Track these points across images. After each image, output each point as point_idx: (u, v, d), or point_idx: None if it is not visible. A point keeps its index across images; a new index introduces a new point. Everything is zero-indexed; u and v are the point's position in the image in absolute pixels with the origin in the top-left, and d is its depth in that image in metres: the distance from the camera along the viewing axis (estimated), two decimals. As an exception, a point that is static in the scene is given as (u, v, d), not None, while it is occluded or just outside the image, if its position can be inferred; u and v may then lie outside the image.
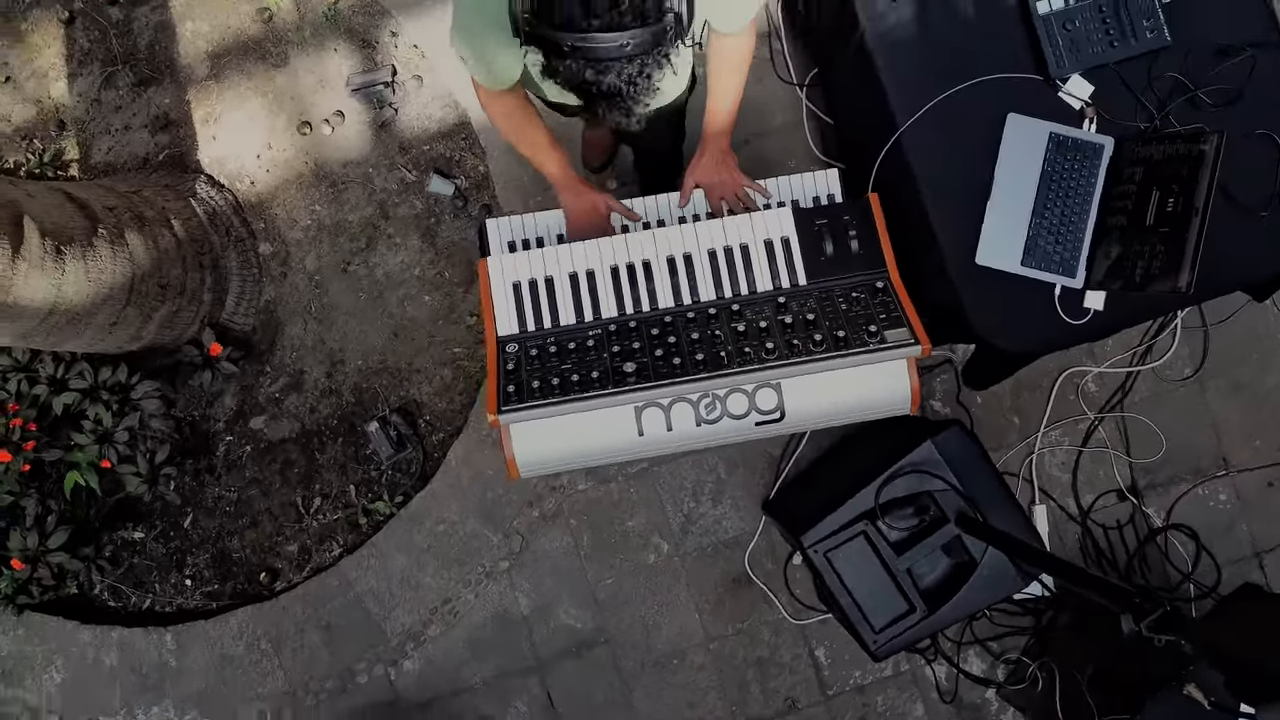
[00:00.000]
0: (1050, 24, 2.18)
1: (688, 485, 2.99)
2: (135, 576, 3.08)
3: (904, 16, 2.20)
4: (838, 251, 1.81)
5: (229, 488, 3.09)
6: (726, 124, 2.02)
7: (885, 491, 2.37)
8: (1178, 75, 2.19)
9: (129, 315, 2.57)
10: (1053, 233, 2.18)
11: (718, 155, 2.02)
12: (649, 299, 1.80)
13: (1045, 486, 3.01)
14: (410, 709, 2.97)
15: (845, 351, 1.67)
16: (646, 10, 1.41)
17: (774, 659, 2.99)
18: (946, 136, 2.20)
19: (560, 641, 2.97)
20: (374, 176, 3.10)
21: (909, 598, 2.38)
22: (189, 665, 2.96)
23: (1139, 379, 3.01)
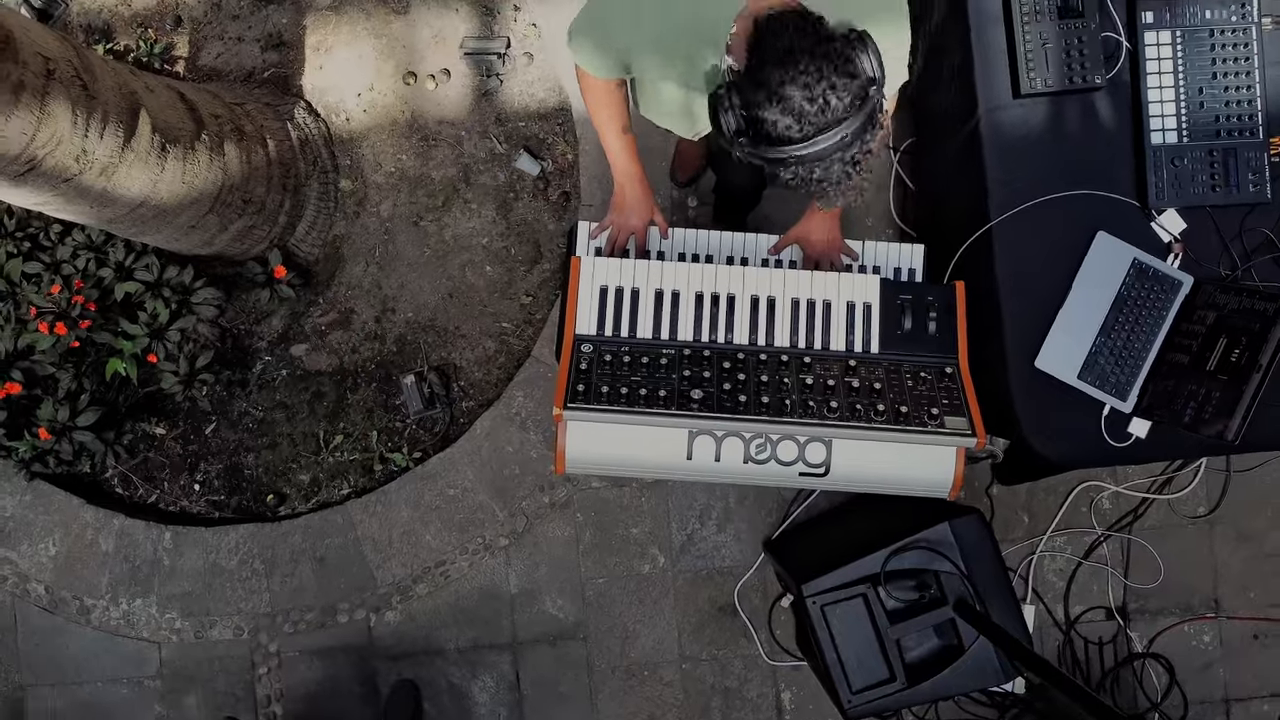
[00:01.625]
0: (1160, 156, 2.23)
1: (696, 506, 3.04)
2: (148, 470, 3.14)
3: (1023, 115, 2.25)
4: (915, 329, 1.86)
5: (256, 405, 3.14)
6: None
7: (893, 561, 2.42)
8: (1270, 233, 2.24)
9: (209, 221, 2.63)
10: (1115, 354, 2.23)
11: (830, 217, 2.07)
12: (726, 332, 1.86)
13: (1039, 588, 3.06)
14: (381, 658, 3.02)
15: (904, 427, 1.73)
16: (853, 96, 1.43)
17: (741, 692, 3.05)
18: (1035, 238, 2.25)
19: (540, 628, 3.03)
20: (465, 140, 3.16)
21: (892, 667, 2.43)
22: (180, 567, 3.02)
23: (1153, 506, 3.06)
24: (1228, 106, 2.22)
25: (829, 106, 1.43)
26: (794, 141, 1.45)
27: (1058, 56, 2.22)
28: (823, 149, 1.45)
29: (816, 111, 1.43)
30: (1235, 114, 2.22)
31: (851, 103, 1.45)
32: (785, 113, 1.44)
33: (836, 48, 1.46)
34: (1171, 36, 2.22)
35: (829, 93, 1.43)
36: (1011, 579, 2.99)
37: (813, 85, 1.42)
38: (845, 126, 1.44)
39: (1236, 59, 2.22)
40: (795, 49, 1.45)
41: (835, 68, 1.44)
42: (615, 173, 2.07)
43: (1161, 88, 2.23)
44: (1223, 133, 2.23)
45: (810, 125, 1.44)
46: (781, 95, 1.43)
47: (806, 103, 1.43)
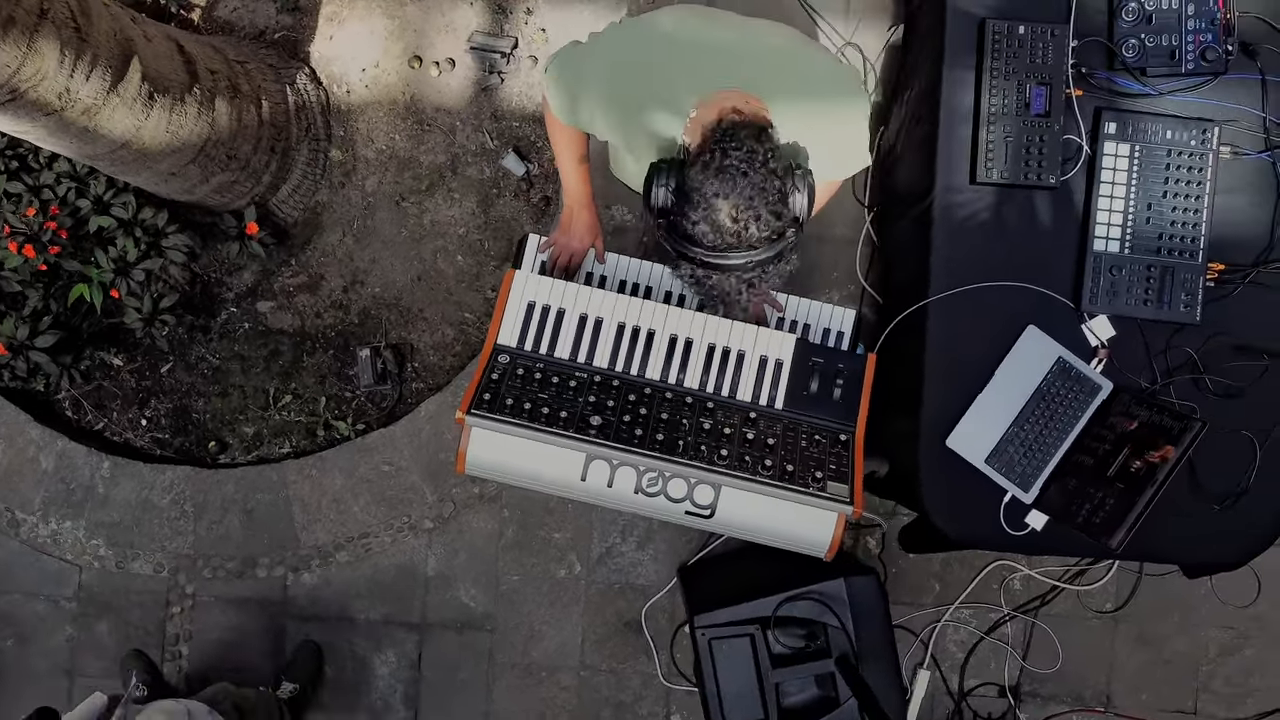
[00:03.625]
0: (1100, 263, 2.29)
1: (620, 522, 3.11)
2: (100, 399, 3.22)
3: (975, 201, 2.32)
4: (820, 392, 1.92)
5: (215, 353, 3.22)
6: None
7: (785, 607, 2.49)
8: (1194, 354, 2.30)
9: (190, 171, 2.70)
10: (1025, 446, 2.29)
11: None
12: (640, 366, 1.92)
13: (938, 655, 3.12)
14: (291, 617, 3.10)
15: (785, 485, 1.79)
16: (773, 231, 1.52)
17: (633, 708, 3.12)
18: (968, 320, 2.31)
19: (449, 613, 3.10)
20: (458, 130, 3.23)
21: (768, 710, 2.50)
22: (114, 497, 3.10)
23: (1062, 594, 3.12)
24: (1173, 226, 2.28)
25: (747, 233, 1.52)
26: (704, 248, 1.53)
27: (1018, 151, 2.28)
28: (726, 265, 1.53)
29: (734, 232, 1.51)
30: (1179, 234, 2.28)
31: (769, 237, 1.53)
32: (706, 221, 1.51)
33: (776, 185, 1.53)
34: (1131, 150, 2.29)
35: (752, 222, 1.51)
36: (912, 641, 3.08)
37: (740, 210, 1.50)
38: (755, 254, 1.53)
39: (1189, 182, 2.28)
40: (740, 171, 1.51)
41: (767, 203, 1.52)
42: (566, 196, 2.15)
43: (1112, 197, 2.29)
44: (1164, 250, 2.29)
45: (724, 241, 1.52)
46: (709, 205, 1.51)
47: (729, 221, 1.51)
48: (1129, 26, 2.28)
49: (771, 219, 1.50)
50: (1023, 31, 2.27)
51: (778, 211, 1.51)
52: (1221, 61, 2.27)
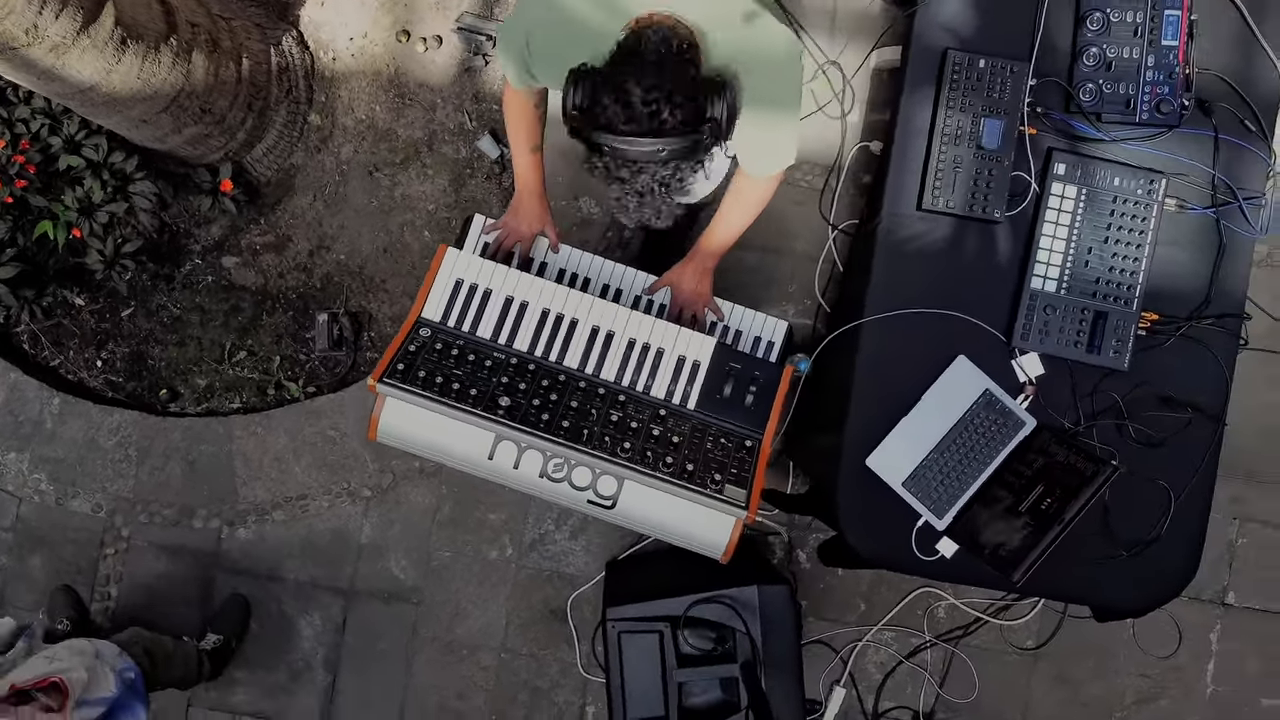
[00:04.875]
0: (1035, 300, 2.31)
1: (555, 510, 3.14)
2: (58, 336, 3.25)
3: (919, 229, 2.34)
4: (733, 397, 1.95)
5: (176, 303, 3.26)
6: (720, 248, 2.17)
7: (696, 608, 2.51)
8: (1119, 400, 2.33)
9: (161, 120, 2.73)
10: (943, 473, 2.32)
11: (700, 270, 2.17)
12: (559, 353, 1.95)
13: (856, 674, 3.15)
14: (223, 570, 3.13)
15: (683, 483, 1.82)
16: (685, 120, 1.53)
17: (549, 694, 3.15)
18: (900, 344, 2.34)
19: (378, 582, 3.13)
20: (438, 107, 3.26)
21: (669, 709, 2.52)
22: (61, 434, 3.13)
23: (985, 627, 3.14)
24: (1111, 272, 2.31)
25: (658, 116, 1.53)
26: (616, 133, 1.54)
27: (966, 182, 2.31)
28: (638, 153, 1.54)
29: (646, 115, 1.53)
30: (1116, 280, 2.31)
31: (682, 124, 1.54)
32: (619, 103, 1.53)
33: (692, 75, 1.56)
34: (1078, 192, 2.31)
35: (663, 104, 1.53)
36: (831, 657, 3.10)
37: (652, 90, 1.52)
38: (667, 143, 1.53)
39: (1132, 230, 2.31)
40: (654, 57, 1.55)
41: (679, 88, 1.53)
42: (518, 182, 2.18)
43: (1055, 238, 2.32)
44: (1100, 295, 2.31)
45: (635, 124, 1.53)
46: (623, 87, 1.53)
47: (640, 104, 1.52)
48: (1088, 71, 2.31)
49: (686, 104, 1.52)
50: (983, 65, 2.30)
51: (692, 97, 1.52)
52: (1176, 115, 2.29)
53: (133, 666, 2.41)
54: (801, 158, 3.09)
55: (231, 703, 3.13)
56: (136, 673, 2.41)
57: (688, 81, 1.56)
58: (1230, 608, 3.16)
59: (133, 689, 2.36)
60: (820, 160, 3.12)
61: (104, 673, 2.30)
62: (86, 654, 2.35)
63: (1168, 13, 2.28)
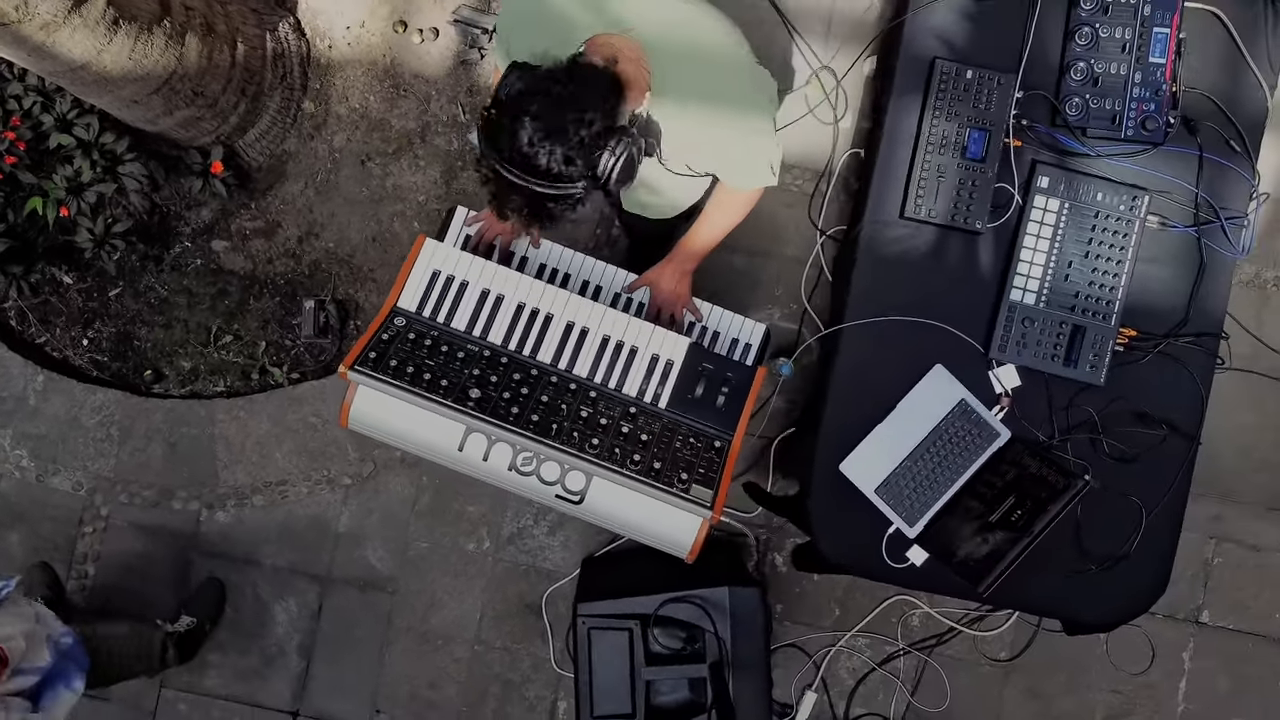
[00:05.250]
0: (1014, 313, 2.32)
1: (535, 506, 3.14)
2: (45, 313, 3.26)
3: (901, 237, 2.35)
4: (705, 397, 1.96)
5: (164, 284, 3.26)
6: (702, 250, 2.18)
7: (667, 608, 2.52)
8: (1095, 415, 2.33)
9: (153, 101, 2.74)
10: (916, 481, 2.32)
11: (680, 271, 2.17)
12: (533, 348, 1.96)
13: (828, 679, 3.15)
14: (200, 552, 3.14)
15: (649, 482, 1.83)
16: (561, 174, 1.58)
17: (521, 689, 3.15)
18: (878, 351, 2.35)
19: (355, 571, 3.14)
20: (433, 99, 3.26)
21: (635, 707, 2.53)
22: (44, 410, 3.14)
23: (959, 637, 3.15)
24: (1090, 287, 2.31)
25: (535, 160, 1.58)
26: (497, 153, 1.59)
27: (949, 192, 2.31)
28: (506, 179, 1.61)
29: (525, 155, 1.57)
30: (1095, 296, 2.31)
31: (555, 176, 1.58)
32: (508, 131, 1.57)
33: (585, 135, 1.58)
34: (1060, 206, 2.32)
35: (544, 155, 1.57)
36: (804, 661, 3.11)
37: (539, 138, 1.56)
38: (535, 183, 1.59)
39: (1113, 246, 2.31)
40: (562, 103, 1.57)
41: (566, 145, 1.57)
42: None
43: (1035, 250, 2.32)
44: (1079, 309, 2.32)
45: (513, 156, 1.58)
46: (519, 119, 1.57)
47: (525, 144, 1.57)
48: (1075, 86, 2.31)
49: (562, 163, 1.56)
50: (970, 75, 2.30)
51: (572, 159, 1.57)
52: (1160, 133, 2.30)
53: (70, 632, 2.40)
54: (793, 162, 3.12)
55: (204, 685, 3.13)
56: (74, 639, 2.39)
57: (582, 141, 1.58)
58: (1204, 626, 3.16)
59: (68, 656, 2.35)
60: (811, 165, 3.13)
61: (41, 640, 2.29)
62: (28, 619, 2.33)
63: (1156, 30, 2.28)
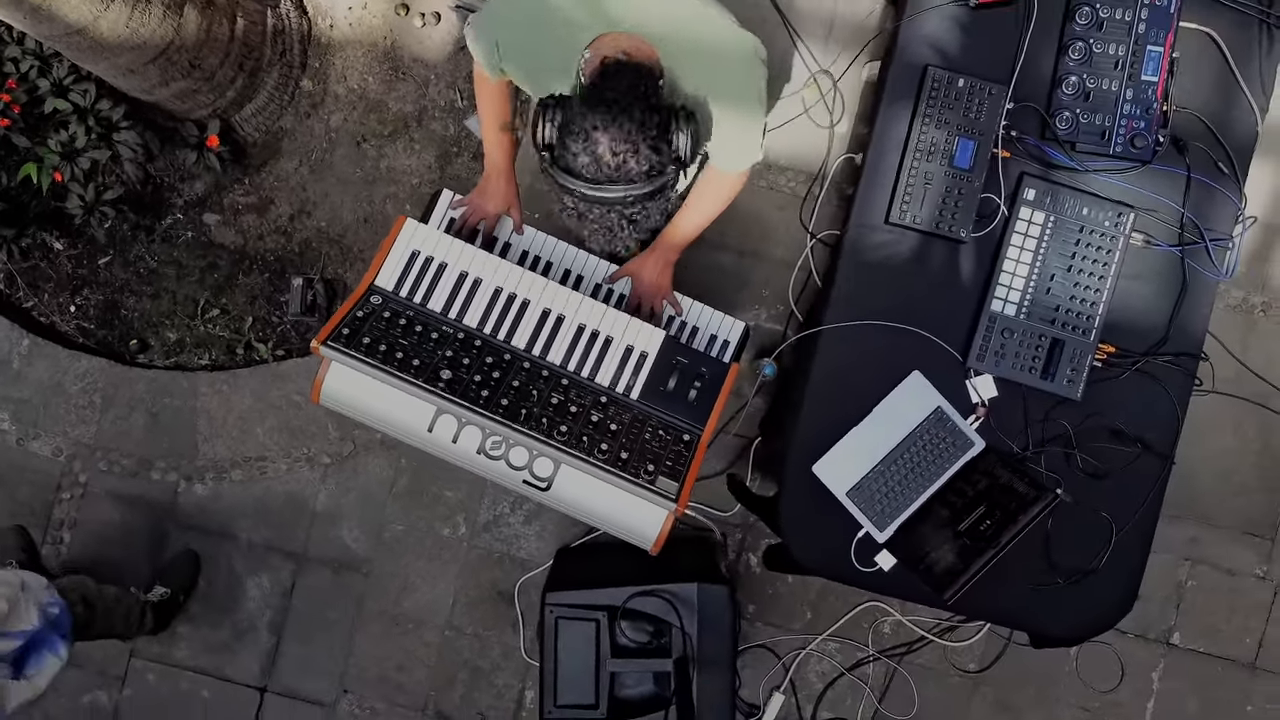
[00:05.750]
0: (994, 323, 2.32)
1: (513, 493, 3.14)
2: (34, 278, 3.26)
3: (885, 243, 2.35)
4: (677, 390, 1.96)
5: (154, 255, 3.27)
6: (684, 240, 2.18)
7: (635, 601, 2.52)
8: (1070, 429, 2.33)
9: (149, 71, 2.74)
10: (888, 486, 2.33)
11: (662, 262, 2.17)
12: (508, 332, 1.96)
13: (797, 681, 3.15)
14: (176, 524, 3.14)
15: (615, 472, 1.83)
16: (651, 167, 1.58)
17: (490, 676, 3.16)
18: (857, 354, 2.35)
19: (329, 550, 3.14)
20: (431, 83, 3.27)
21: (599, 698, 2.53)
22: (26, 374, 3.14)
23: (929, 646, 3.15)
24: (1072, 301, 2.31)
25: (625, 166, 1.57)
26: (584, 180, 1.57)
27: (935, 199, 2.31)
28: (605, 198, 1.58)
29: (614, 166, 1.57)
30: (1076, 310, 2.31)
31: (649, 171, 1.59)
32: (587, 154, 1.57)
33: (657, 119, 1.58)
34: (1045, 219, 2.32)
35: (630, 156, 1.57)
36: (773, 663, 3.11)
37: (619, 143, 1.56)
38: (634, 189, 1.58)
39: (1097, 261, 2.31)
40: (620, 105, 1.57)
41: (646, 137, 1.57)
42: (486, 161, 2.19)
43: (1019, 261, 2.32)
44: (1059, 323, 2.32)
45: (603, 174, 1.57)
46: (590, 138, 1.56)
47: (609, 154, 1.56)
48: (1067, 100, 2.31)
49: (650, 154, 1.56)
50: (962, 84, 2.30)
51: (657, 147, 1.57)
52: (1149, 151, 2.30)
53: (59, 602, 2.41)
54: (787, 163, 3.12)
55: (174, 656, 3.14)
56: (62, 608, 2.41)
57: (653, 127, 1.59)
58: (1174, 648, 3.17)
59: (55, 625, 2.36)
60: (805, 167, 3.13)
61: (27, 606, 2.30)
62: (11, 585, 2.35)
63: (1150, 48, 2.28)
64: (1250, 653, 3.17)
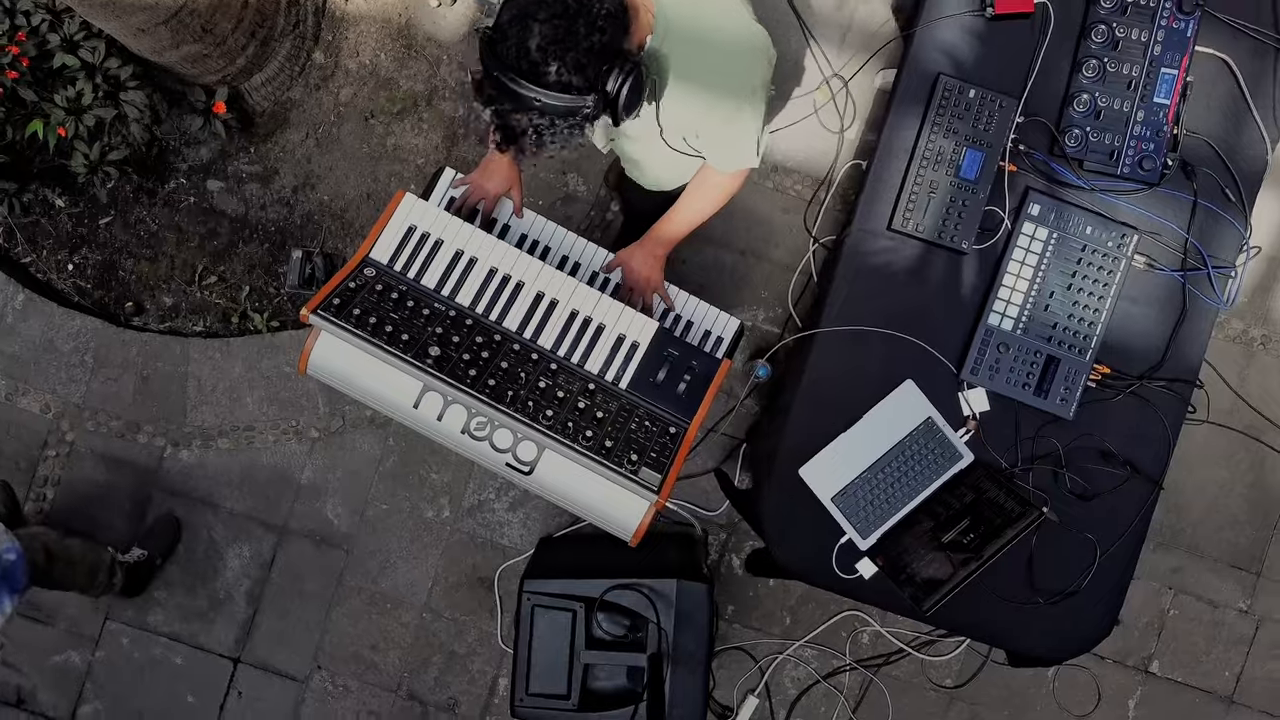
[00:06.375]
0: (990, 337, 2.31)
1: (499, 479, 3.13)
2: (34, 234, 3.25)
3: (886, 247, 2.33)
4: (666, 382, 1.94)
5: (155, 219, 3.25)
6: (675, 235, 2.16)
7: (613, 594, 2.51)
8: (1059, 447, 2.32)
9: (160, 33, 2.73)
10: (874, 494, 2.31)
11: (650, 256, 2.16)
12: (499, 313, 1.95)
13: (771, 685, 3.14)
14: (160, 488, 3.13)
15: (598, 460, 1.82)
16: (572, 84, 1.57)
17: (465, 661, 3.14)
18: (850, 359, 2.33)
19: (311, 524, 3.13)
20: (443, 64, 3.26)
21: (571, 688, 2.52)
22: (19, 330, 3.13)
23: (907, 659, 3.13)
24: (1070, 320, 2.30)
25: (545, 68, 1.56)
26: (502, 65, 1.57)
27: (939, 208, 2.30)
28: (517, 93, 1.57)
29: (535, 63, 1.55)
30: (1074, 329, 2.30)
31: (565, 85, 1.57)
32: (516, 38, 1.56)
33: (597, 41, 1.57)
34: (1048, 235, 2.30)
35: (554, 59, 1.55)
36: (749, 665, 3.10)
37: (551, 42, 1.54)
38: (544, 95, 1.57)
39: (1097, 281, 2.30)
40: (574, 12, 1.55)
41: (577, 49, 1.55)
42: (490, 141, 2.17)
43: (1019, 276, 2.31)
44: (1055, 341, 2.30)
45: (521, 65, 1.56)
46: (528, 27, 1.55)
47: (535, 49, 1.55)
48: (1077, 117, 2.30)
49: (574, 70, 1.54)
50: (973, 94, 2.29)
51: (584, 66, 1.55)
52: (1157, 173, 2.28)
53: (14, 549, 2.39)
54: (795, 166, 3.11)
55: (148, 621, 3.12)
56: (17, 554, 2.39)
57: (589, 47, 1.57)
58: (1152, 676, 3.15)
59: (6, 574, 2.35)
60: (813, 172, 3.12)
61: None
62: None
63: (1164, 71, 2.27)
64: (1228, 686, 3.16)
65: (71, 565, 2.67)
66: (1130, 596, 2.38)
